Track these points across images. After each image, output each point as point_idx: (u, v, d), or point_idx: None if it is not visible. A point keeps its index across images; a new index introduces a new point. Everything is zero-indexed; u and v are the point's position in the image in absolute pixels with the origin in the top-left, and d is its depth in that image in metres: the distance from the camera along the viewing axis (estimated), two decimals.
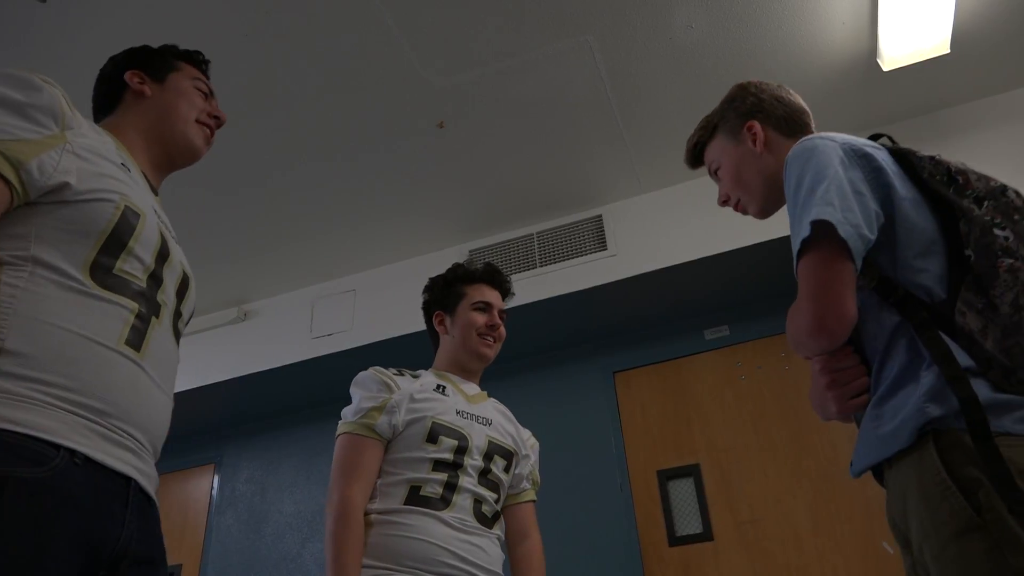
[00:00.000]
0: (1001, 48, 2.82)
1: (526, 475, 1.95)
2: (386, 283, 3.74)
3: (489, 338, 1.95)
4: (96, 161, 1.13)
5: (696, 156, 1.64)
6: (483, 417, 1.86)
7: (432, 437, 1.73)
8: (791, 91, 1.55)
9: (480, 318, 1.94)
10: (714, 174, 1.59)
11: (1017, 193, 1.20)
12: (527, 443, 1.98)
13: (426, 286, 2.07)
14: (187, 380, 3.72)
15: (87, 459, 0.99)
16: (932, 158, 1.23)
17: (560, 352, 3.71)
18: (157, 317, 1.17)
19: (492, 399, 1.98)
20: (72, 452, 0.97)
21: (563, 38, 2.66)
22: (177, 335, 1.26)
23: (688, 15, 2.61)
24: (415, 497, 1.68)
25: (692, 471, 3.26)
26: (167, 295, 1.21)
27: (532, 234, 3.54)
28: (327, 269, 3.82)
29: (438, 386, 1.86)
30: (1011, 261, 1.11)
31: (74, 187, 1.08)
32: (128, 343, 1.09)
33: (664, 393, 3.46)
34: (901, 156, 1.25)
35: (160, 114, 1.38)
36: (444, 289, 2.01)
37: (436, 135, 3.03)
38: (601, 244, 3.38)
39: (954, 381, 1.07)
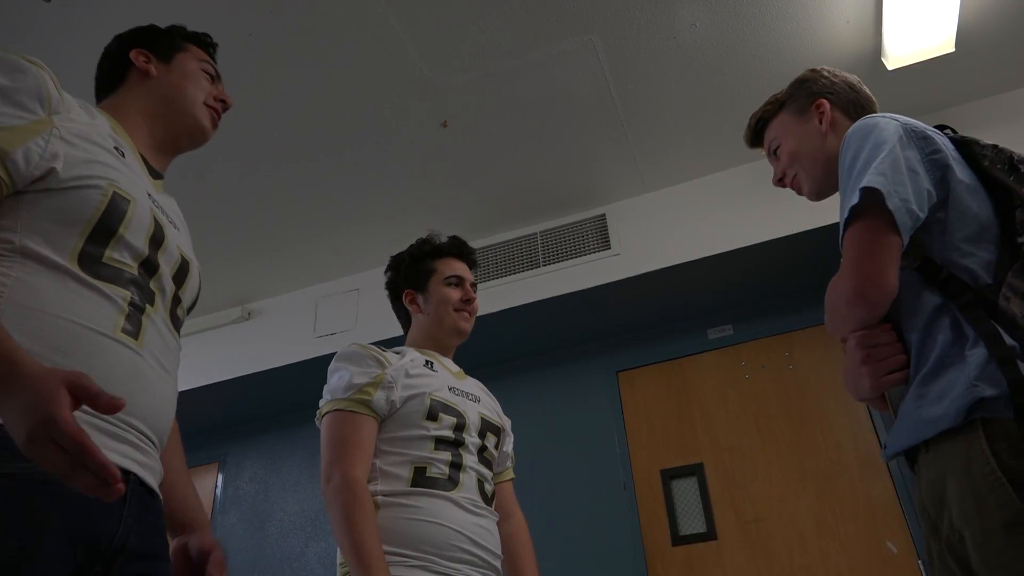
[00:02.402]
0: (1006, 47, 2.81)
1: (509, 453, 1.94)
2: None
3: (465, 312, 1.89)
4: (84, 146, 1.09)
5: (757, 133, 1.61)
6: (471, 394, 1.83)
7: (431, 414, 1.67)
8: (863, 84, 1.55)
9: (455, 293, 1.89)
10: (772, 153, 1.57)
11: None
12: (506, 420, 1.96)
13: (390, 264, 2.00)
14: (190, 379, 3.73)
15: None
16: (995, 146, 1.23)
17: (564, 351, 3.71)
18: (152, 305, 1.13)
19: (470, 377, 1.93)
20: None
21: (567, 37, 2.66)
22: (176, 322, 1.21)
23: (692, 14, 2.60)
24: (422, 478, 1.61)
25: (696, 470, 3.25)
26: (163, 281, 1.17)
27: (536, 233, 3.53)
28: (331, 268, 3.82)
29: (426, 362, 1.79)
30: None
31: (60, 174, 1.04)
32: (124, 331, 1.05)
33: (668, 392, 3.46)
34: (963, 144, 1.26)
35: (166, 95, 1.34)
36: (412, 266, 1.95)
37: (440, 134, 3.03)
38: (605, 243, 3.38)
39: (1002, 362, 1.06)
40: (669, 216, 3.33)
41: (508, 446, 1.93)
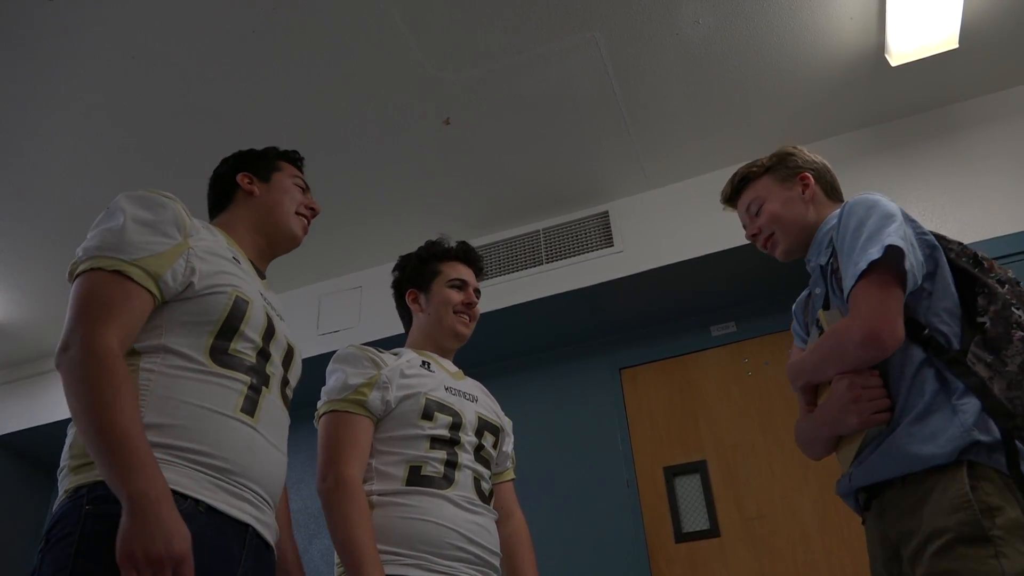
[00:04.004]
0: (1010, 43, 2.81)
1: (509, 453, 1.94)
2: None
3: (465, 316, 1.91)
4: (212, 260, 1.35)
5: (737, 190, 1.76)
6: (469, 394, 1.84)
7: (427, 413, 1.69)
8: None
9: (456, 296, 1.91)
10: (750, 211, 1.72)
11: None
12: (505, 420, 1.96)
13: (397, 264, 2.03)
14: None
15: (210, 508, 1.19)
16: (960, 243, 1.45)
17: (566, 349, 3.71)
18: (267, 387, 1.38)
19: (469, 377, 1.94)
20: (197, 502, 1.18)
21: (570, 34, 2.66)
22: (286, 399, 1.47)
23: (695, 10, 2.60)
24: (417, 477, 1.63)
25: (699, 467, 3.25)
26: (274, 367, 1.42)
27: (538, 230, 3.53)
28: (333, 266, 3.82)
29: (423, 362, 1.81)
30: (1023, 334, 1.33)
31: (196, 286, 1.30)
32: (243, 411, 1.30)
33: (671, 390, 3.46)
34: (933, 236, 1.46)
35: (266, 210, 1.60)
36: (418, 267, 1.98)
37: (442, 131, 3.03)
38: (608, 240, 3.38)
39: (993, 412, 1.26)
40: (672, 213, 3.33)
41: (508, 446, 1.94)
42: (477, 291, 1.98)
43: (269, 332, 1.41)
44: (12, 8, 2.39)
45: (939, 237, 1.45)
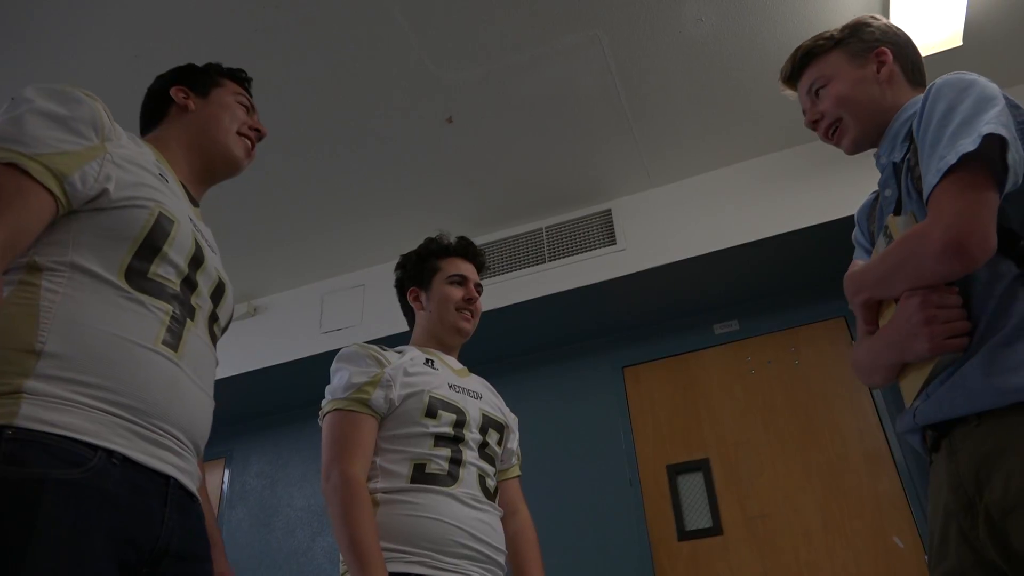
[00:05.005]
0: (1013, 41, 2.80)
1: (514, 450, 1.94)
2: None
3: (467, 312, 1.90)
4: (133, 170, 1.17)
5: (799, 67, 1.47)
6: (473, 391, 1.83)
7: (431, 411, 1.68)
8: None
9: (457, 292, 1.90)
10: (811, 92, 1.45)
11: None
12: (510, 416, 1.96)
13: (399, 263, 2.02)
14: None
15: (125, 459, 1.02)
16: None
17: (569, 347, 3.71)
18: (192, 319, 1.20)
19: (474, 374, 1.94)
20: (110, 453, 1.00)
21: (572, 32, 2.66)
22: (214, 338, 1.30)
23: (698, 8, 2.60)
24: (421, 474, 1.62)
25: (701, 466, 3.25)
26: (202, 299, 1.24)
27: (541, 228, 3.53)
28: (336, 264, 3.82)
29: (426, 360, 1.81)
30: None
31: (111, 195, 1.11)
32: (165, 343, 1.12)
33: (673, 388, 3.46)
34: None
35: (202, 126, 1.42)
36: (418, 264, 1.97)
37: (445, 129, 3.03)
38: (610, 239, 3.38)
39: None
40: (675, 211, 3.33)
41: (513, 443, 1.93)
42: (479, 286, 1.96)
43: (197, 260, 1.23)
44: (13, 8, 2.40)
45: None
